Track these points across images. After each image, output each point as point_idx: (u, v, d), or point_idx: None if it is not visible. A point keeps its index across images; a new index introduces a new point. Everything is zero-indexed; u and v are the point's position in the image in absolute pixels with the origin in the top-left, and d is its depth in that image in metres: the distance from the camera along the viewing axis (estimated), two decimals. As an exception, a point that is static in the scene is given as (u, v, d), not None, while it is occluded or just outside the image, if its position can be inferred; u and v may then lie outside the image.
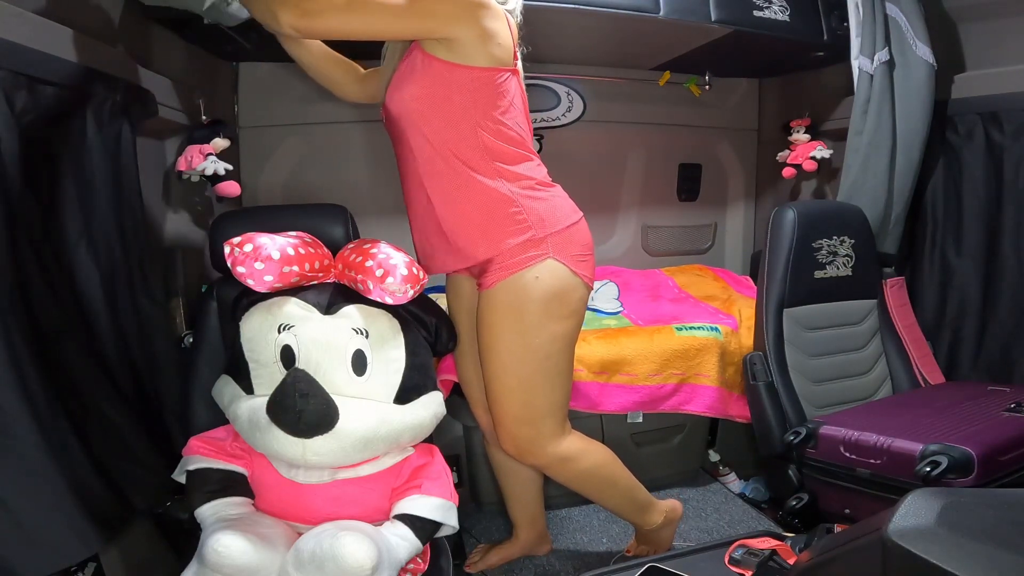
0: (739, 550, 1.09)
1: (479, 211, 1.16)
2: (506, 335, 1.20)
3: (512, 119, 1.17)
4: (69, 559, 0.96)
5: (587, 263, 1.23)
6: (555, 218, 1.19)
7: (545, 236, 1.17)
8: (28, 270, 1.00)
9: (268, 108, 2.00)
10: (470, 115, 1.13)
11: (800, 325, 1.67)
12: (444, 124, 1.13)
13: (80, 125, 1.14)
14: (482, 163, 1.15)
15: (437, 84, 1.11)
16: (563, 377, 1.25)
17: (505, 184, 1.16)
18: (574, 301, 1.21)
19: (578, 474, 1.31)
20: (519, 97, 1.20)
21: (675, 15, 1.64)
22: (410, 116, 1.14)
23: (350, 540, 0.90)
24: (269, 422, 0.98)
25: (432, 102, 1.12)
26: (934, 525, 0.53)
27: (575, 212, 1.24)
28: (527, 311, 1.18)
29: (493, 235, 1.17)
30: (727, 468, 1.99)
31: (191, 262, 1.67)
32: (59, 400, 1.01)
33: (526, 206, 1.17)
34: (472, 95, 1.12)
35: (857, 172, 1.81)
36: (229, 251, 1.03)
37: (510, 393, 1.22)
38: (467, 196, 1.16)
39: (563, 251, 1.18)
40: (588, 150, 2.34)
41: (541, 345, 1.20)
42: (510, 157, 1.17)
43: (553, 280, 1.17)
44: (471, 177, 1.14)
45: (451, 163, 1.14)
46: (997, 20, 1.68)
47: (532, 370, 1.21)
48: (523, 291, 1.17)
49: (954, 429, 1.29)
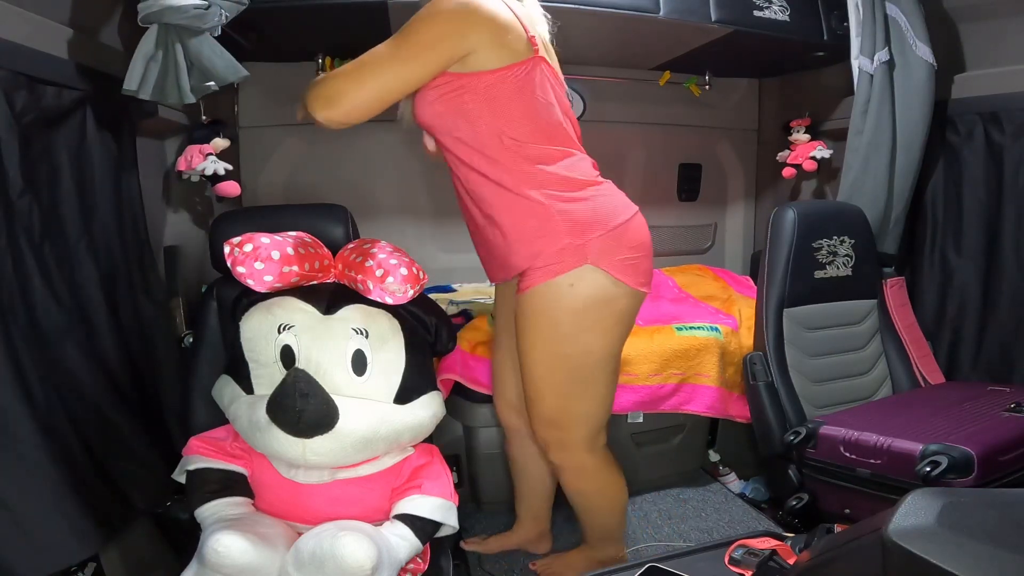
0: (739, 550, 1.08)
1: (515, 224, 1.12)
2: (539, 342, 1.15)
3: (541, 112, 1.10)
4: (69, 559, 0.96)
5: (637, 266, 1.14)
6: (595, 221, 1.11)
7: (583, 242, 1.09)
8: (28, 270, 1.00)
9: (268, 108, 2.00)
10: (490, 121, 1.07)
11: (800, 325, 1.67)
12: (470, 134, 1.09)
13: (80, 125, 1.14)
14: (512, 170, 1.09)
15: (452, 96, 1.07)
16: (598, 388, 1.19)
17: (538, 191, 1.10)
18: (616, 312, 1.13)
19: (585, 489, 1.31)
20: (548, 87, 1.12)
21: (675, 15, 1.64)
22: (439, 131, 1.13)
23: (350, 540, 0.90)
24: (269, 422, 0.98)
25: (452, 117, 1.09)
26: (934, 525, 0.53)
27: (625, 210, 1.16)
28: (560, 320, 1.12)
29: (529, 246, 1.11)
30: (727, 468, 1.99)
31: (191, 262, 1.68)
32: (59, 400, 1.02)
33: (561, 211, 1.10)
34: (488, 102, 1.06)
35: (857, 172, 1.81)
36: (229, 251, 1.03)
37: (542, 399, 1.20)
38: (502, 210, 1.12)
39: (604, 257, 1.10)
40: (588, 150, 2.32)
41: (573, 355, 1.14)
42: (544, 156, 1.10)
43: (589, 289, 1.10)
44: (502, 189, 1.10)
45: (484, 174, 1.10)
46: (997, 20, 1.67)
47: (563, 379, 1.16)
48: (557, 299, 1.11)
49: (954, 429, 1.29)
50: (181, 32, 1.08)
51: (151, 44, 1.08)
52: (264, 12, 1.39)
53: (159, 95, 1.10)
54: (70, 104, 1.11)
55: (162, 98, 1.11)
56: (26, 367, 0.94)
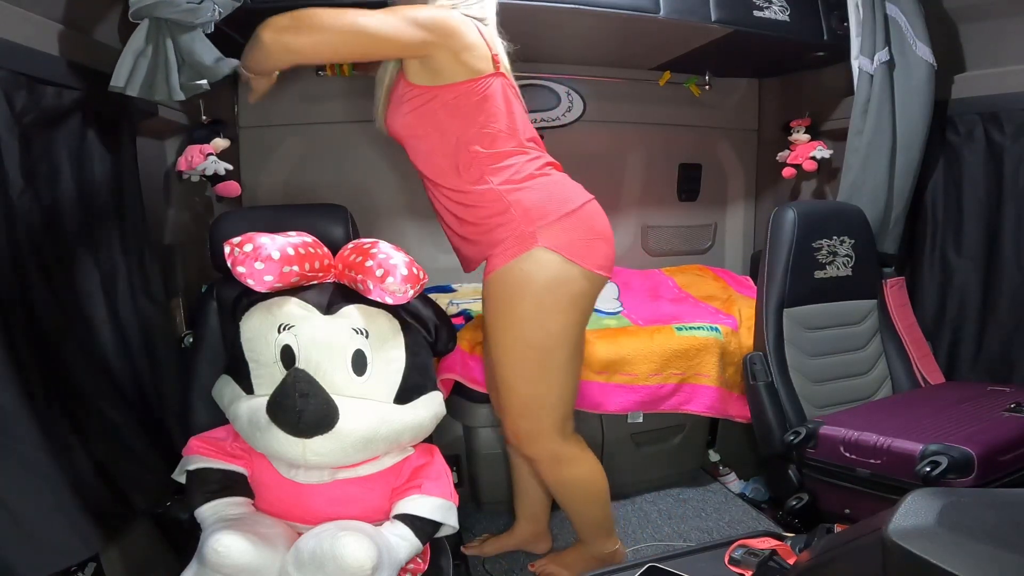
0: (739, 550, 1.09)
1: (477, 218, 1.20)
2: (501, 328, 1.21)
3: (500, 120, 1.18)
4: (69, 559, 0.96)
5: (592, 248, 1.19)
6: (547, 207, 1.17)
7: (535, 228, 1.16)
8: (28, 270, 1.00)
9: (268, 108, 1.99)
10: (457, 129, 1.16)
11: (800, 325, 1.67)
12: (438, 142, 1.18)
13: (80, 125, 1.14)
14: (474, 170, 1.18)
15: (423, 108, 1.16)
16: (561, 373, 1.23)
17: (497, 186, 1.17)
18: (571, 293, 1.18)
19: (565, 479, 1.31)
20: (505, 97, 1.20)
21: (675, 15, 1.63)
22: (408, 140, 1.22)
23: (350, 540, 0.90)
24: (269, 422, 0.98)
25: (422, 126, 1.18)
26: (934, 525, 0.53)
27: (578, 197, 1.22)
28: (516, 303, 1.18)
29: (487, 236, 1.20)
30: (727, 468, 1.99)
31: (191, 262, 1.68)
32: (59, 400, 1.02)
33: (513, 199, 1.17)
34: (455, 111, 1.15)
35: (857, 172, 1.81)
36: (229, 251, 1.03)
37: (509, 388, 1.24)
38: (467, 206, 1.20)
39: (556, 239, 1.16)
40: (588, 150, 2.33)
41: (534, 339, 1.19)
42: (502, 156, 1.18)
43: (542, 270, 1.16)
44: (466, 187, 1.19)
45: (449, 176, 1.20)
46: (997, 20, 1.67)
47: (529, 365, 1.20)
48: (512, 283, 1.17)
49: (954, 429, 1.29)
50: (172, 27, 1.07)
51: (141, 39, 1.07)
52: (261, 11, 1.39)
53: (147, 92, 1.09)
54: (70, 104, 1.11)
55: (150, 95, 1.09)
56: (26, 367, 0.94)
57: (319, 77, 1.95)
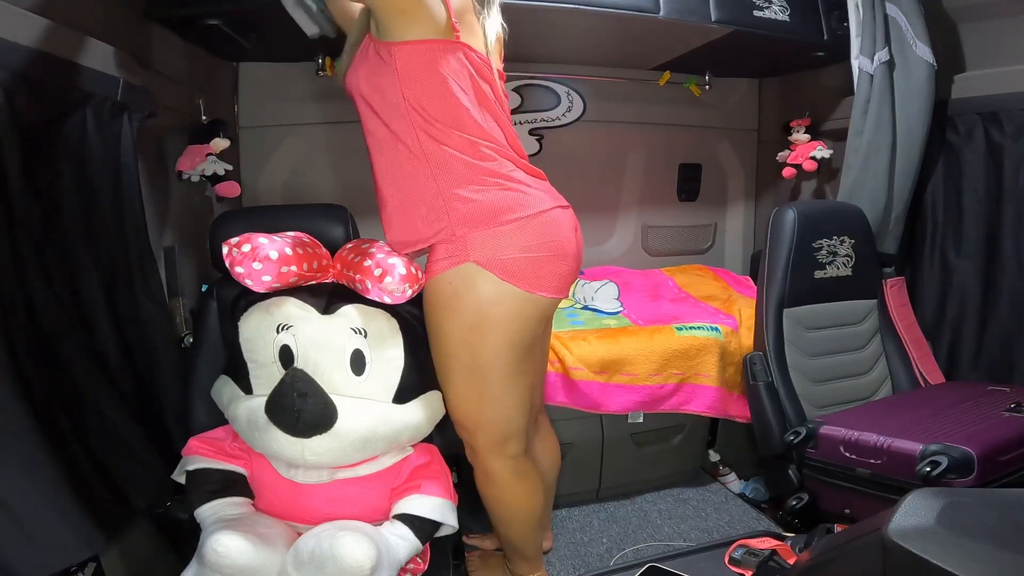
0: (739, 550, 1.09)
1: (404, 202, 1.09)
2: (432, 341, 1.14)
3: (452, 96, 1.03)
4: (69, 559, 0.96)
5: (538, 267, 1.06)
6: (489, 214, 1.04)
7: (467, 236, 1.05)
8: (28, 270, 1.00)
9: (268, 108, 2.00)
10: (400, 89, 1.02)
11: (800, 325, 1.67)
12: (380, 102, 1.06)
13: (80, 125, 1.14)
14: (413, 145, 1.05)
15: (377, 64, 1.04)
16: (493, 392, 1.11)
17: (437, 174, 1.05)
18: (507, 315, 1.06)
19: (488, 496, 1.24)
20: (468, 76, 1.05)
21: (675, 15, 1.64)
22: (360, 97, 1.09)
23: (350, 540, 0.90)
24: (268, 422, 0.98)
25: (374, 83, 1.05)
26: (934, 525, 0.53)
27: (535, 204, 1.08)
28: (444, 320, 1.09)
29: (415, 230, 1.09)
30: (727, 468, 1.99)
31: (191, 262, 1.68)
32: (59, 400, 1.02)
33: (457, 196, 1.05)
34: (401, 69, 1.01)
35: (857, 172, 1.81)
36: (227, 251, 1.03)
37: (447, 399, 1.16)
38: (398, 184, 1.09)
39: (488, 253, 1.04)
40: (588, 150, 2.33)
41: (463, 359, 1.10)
42: (451, 141, 1.05)
43: (471, 291, 1.05)
44: (402, 161, 1.07)
45: (388, 143, 1.08)
46: (997, 20, 1.67)
47: (457, 380, 1.12)
48: (442, 296, 1.08)
49: (954, 429, 1.29)
50: None
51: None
52: (265, 12, 1.39)
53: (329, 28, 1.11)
54: (70, 104, 1.11)
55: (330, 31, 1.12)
56: (26, 366, 0.94)
57: (319, 77, 1.95)
